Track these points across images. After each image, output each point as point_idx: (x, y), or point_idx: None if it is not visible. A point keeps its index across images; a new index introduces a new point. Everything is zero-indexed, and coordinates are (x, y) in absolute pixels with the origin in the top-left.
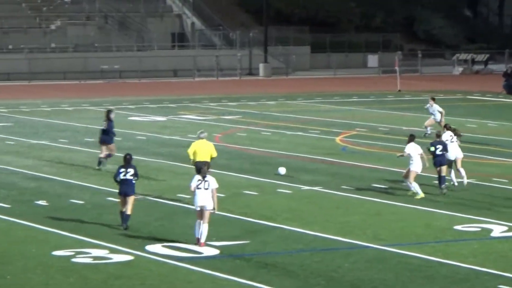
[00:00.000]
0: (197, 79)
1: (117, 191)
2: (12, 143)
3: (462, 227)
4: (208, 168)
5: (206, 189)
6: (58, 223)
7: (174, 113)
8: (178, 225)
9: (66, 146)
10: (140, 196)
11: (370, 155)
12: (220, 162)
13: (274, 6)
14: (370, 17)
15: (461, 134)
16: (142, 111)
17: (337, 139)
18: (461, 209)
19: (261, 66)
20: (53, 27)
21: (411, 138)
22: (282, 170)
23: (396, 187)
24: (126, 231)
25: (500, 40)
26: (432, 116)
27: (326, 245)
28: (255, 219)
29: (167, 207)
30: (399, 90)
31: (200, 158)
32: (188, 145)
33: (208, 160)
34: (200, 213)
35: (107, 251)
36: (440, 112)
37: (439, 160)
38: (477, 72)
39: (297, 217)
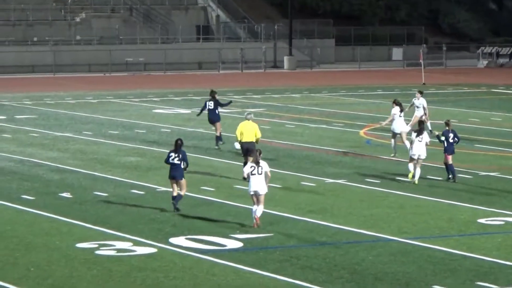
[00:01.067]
0: (221, 71)
1: (140, 183)
2: (36, 135)
3: (485, 220)
4: (260, 154)
5: (260, 174)
6: (82, 215)
7: (198, 106)
8: (202, 218)
9: (90, 138)
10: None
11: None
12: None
13: None
14: (395, 10)
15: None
16: (167, 104)
17: (361, 132)
18: (484, 203)
19: (285, 59)
20: (78, 19)
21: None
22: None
23: (420, 180)
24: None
25: None
26: (416, 110)
27: (350, 238)
28: (278, 211)
29: (190, 199)
30: (424, 83)
31: (246, 138)
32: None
33: (253, 140)
34: (255, 198)
35: (130, 244)
36: (424, 107)
37: (452, 149)
38: (501, 65)
39: (321, 209)
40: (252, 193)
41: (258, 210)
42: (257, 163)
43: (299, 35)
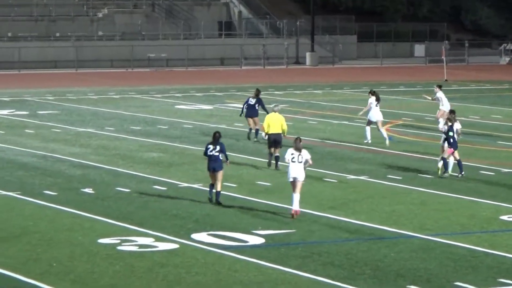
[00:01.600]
0: (244, 67)
1: (162, 179)
2: (59, 131)
3: (508, 217)
4: (300, 141)
5: (300, 162)
6: (104, 211)
7: (221, 102)
8: (223, 213)
9: (113, 134)
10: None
11: (416, 145)
12: (266, 151)
13: None
14: (417, 6)
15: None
16: (189, 100)
17: (384, 128)
18: (507, 199)
19: (307, 55)
20: (100, 15)
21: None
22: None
23: (442, 176)
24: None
25: None
26: (440, 105)
27: (372, 235)
28: (301, 207)
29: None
30: (446, 80)
31: (273, 130)
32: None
33: (280, 131)
34: (294, 184)
35: (152, 239)
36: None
37: (457, 144)
38: None
39: (343, 206)
40: (291, 179)
41: (295, 200)
42: (299, 150)
43: (321, 31)
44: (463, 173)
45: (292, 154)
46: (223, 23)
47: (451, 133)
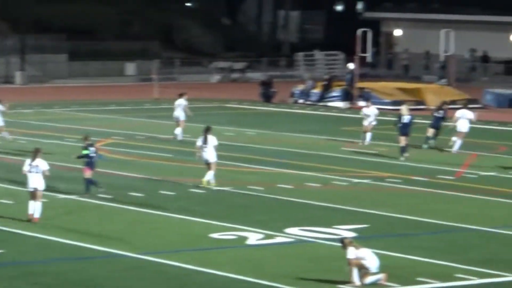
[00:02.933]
0: None
1: None
2: None
3: (218, 235)
4: (39, 152)
5: (38, 172)
6: None
7: None
8: None
9: None
10: None
11: (127, 164)
12: None
13: (33, 14)
14: (129, 25)
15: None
16: None
17: (97, 145)
18: (217, 217)
19: (17, 74)
20: None
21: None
22: None
23: (151, 195)
24: None
25: (258, 49)
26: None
27: (84, 254)
28: (10, 227)
29: None
30: (157, 98)
31: None
32: None
33: None
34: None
35: None
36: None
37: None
38: (234, 80)
39: (54, 226)
40: (31, 189)
41: (32, 206)
42: (36, 160)
43: (32, 50)
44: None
45: (30, 165)
46: None
47: (87, 152)
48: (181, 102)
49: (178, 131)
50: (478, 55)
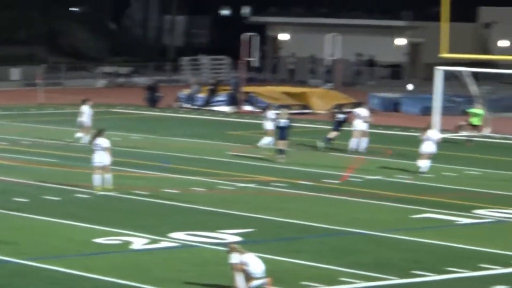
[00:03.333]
0: None
1: None
2: None
3: (102, 240)
4: None
5: None
6: None
7: None
8: None
9: None
10: None
11: (12, 169)
12: None
13: None
14: (14, 30)
15: None
16: None
17: None
18: (101, 222)
19: None
20: None
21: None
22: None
23: (36, 200)
24: None
25: (144, 53)
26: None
27: None
28: None
29: None
30: (42, 103)
31: None
32: None
33: None
34: None
35: None
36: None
37: None
38: (120, 85)
39: None
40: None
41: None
42: None
43: None
44: None
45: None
46: None
47: None
48: (85, 109)
49: (80, 134)
50: (364, 59)
